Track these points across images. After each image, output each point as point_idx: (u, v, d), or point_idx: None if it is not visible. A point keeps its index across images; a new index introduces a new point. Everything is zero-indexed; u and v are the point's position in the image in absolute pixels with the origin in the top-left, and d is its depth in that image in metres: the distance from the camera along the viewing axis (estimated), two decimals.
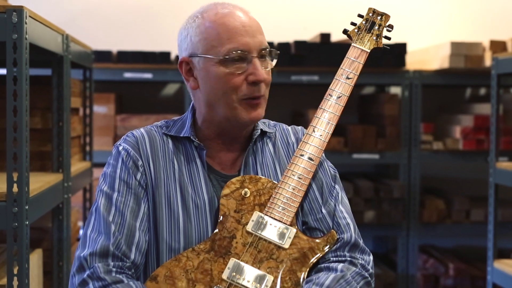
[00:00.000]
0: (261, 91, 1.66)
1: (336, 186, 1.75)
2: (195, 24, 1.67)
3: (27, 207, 2.14)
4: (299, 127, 1.84)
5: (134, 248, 1.61)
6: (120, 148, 1.70)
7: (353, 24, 1.83)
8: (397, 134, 4.47)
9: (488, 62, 4.27)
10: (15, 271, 2.12)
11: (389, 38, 1.83)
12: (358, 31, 1.81)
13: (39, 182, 2.46)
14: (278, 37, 4.48)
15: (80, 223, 3.61)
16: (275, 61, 1.72)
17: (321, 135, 1.70)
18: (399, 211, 4.44)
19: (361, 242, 1.70)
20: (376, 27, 1.81)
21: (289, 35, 4.60)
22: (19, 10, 2.10)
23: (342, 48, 1.79)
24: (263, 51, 1.67)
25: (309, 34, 4.72)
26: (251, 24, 1.66)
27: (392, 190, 4.42)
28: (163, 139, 1.73)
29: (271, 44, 4.31)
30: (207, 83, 1.66)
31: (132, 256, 1.60)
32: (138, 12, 4.91)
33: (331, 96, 1.73)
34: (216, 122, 1.69)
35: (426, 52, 4.72)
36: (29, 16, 2.17)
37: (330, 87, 1.75)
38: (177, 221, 1.65)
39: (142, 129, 1.75)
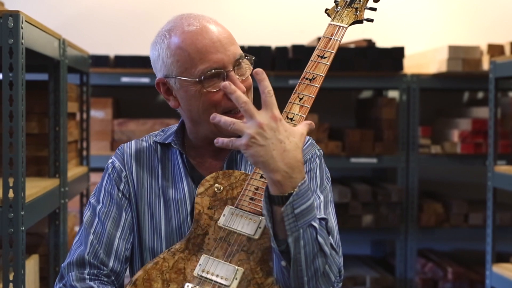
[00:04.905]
0: None
1: (318, 191, 1.67)
2: (165, 44, 1.64)
3: (23, 212, 2.12)
4: None
5: (113, 256, 1.64)
6: (109, 161, 1.74)
7: (336, 1, 1.75)
8: (395, 138, 4.46)
9: (486, 65, 4.27)
10: (11, 277, 2.11)
11: (374, 9, 1.73)
12: (336, 8, 1.74)
13: (36, 187, 2.45)
14: (275, 41, 4.47)
15: (77, 228, 3.59)
16: (251, 65, 1.66)
17: (294, 120, 1.59)
18: (397, 215, 4.43)
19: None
20: (357, 0, 1.72)
21: (286, 39, 4.60)
22: (15, 15, 2.09)
23: (339, 52, 1.75)
24: (238, 61, 1.63)
25: (306, 38, 4.71)
26: (221, 38, 1.61)
27: (390, 194, 4.41)
28: (153, 148, 1.74)
29: (268, 48, 4.31)
30: (188, 103, 1.64)
31: (111, 264, 1.63)
32: (136, 16, 4.90)
33: (306, 78, 1.64)
34: (202, 136, 1.68)
35: (424, 56, 4.71)
36: (25, 21, 2.16)
37: (305, 70, 1.66)
38: (158, 226, 1.66)
39: (133, 141, 1.77)
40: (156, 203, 1.68)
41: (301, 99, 1.62)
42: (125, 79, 4.32)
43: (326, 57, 1.67)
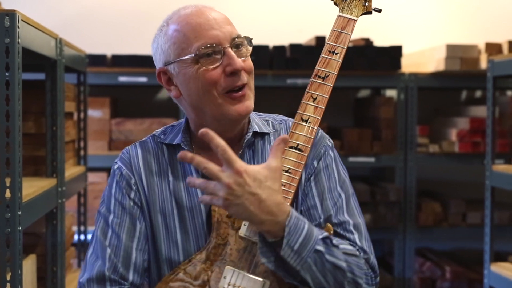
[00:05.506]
0: (242, 79, 1.58)
1: (338, 188, 1.67)
2: (163, 33, 1.62)
3: (20, 212, 2.12)
4: None
5: (132, 269, 1.59)
6: (115, 167, 1.68)
7: None
8: (393, 137, 4.46)
9: (483, 64, 4.27)
10: (8, 277, 2.10)
11: None
12: None
13: (33, 187, 2.44)
14: (273, 40, 4.47)
15: (74, 228, 3.58)
16: (251, 48, 1.64)
17: (309, 122, 1.57)
18: (395, 214, 4.43)
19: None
20: None
21: (284, 38, 4.59)
22: (11, 14, 2.09)
23: None
24: (235, 40, 1.59)
25: (304, 37, 4.71)
26: (216, 17, 1.59)
27: (388, 193, 4.41)
28: (159, 150, 1.68)
29: (266, 47, 4.30)
30: (187, 87, 1.59)
31: (131, 278, 1.59)
32: (133, 16, 4.90)
33: (318, 76, 1.60)
34: (207, 125, 1.60)
35: (422, 55, 4.71)
36: (22, 20, 2.15)
37: (316, 67, 1.61)
38: (174, 235, 1.61)
39: (138, 143, 1.71)
40: (169, 210, 1.62)
41: (314, 99, 1.60)
42: (122, 79, 4.31)
43: (337, 53, 1.62)
